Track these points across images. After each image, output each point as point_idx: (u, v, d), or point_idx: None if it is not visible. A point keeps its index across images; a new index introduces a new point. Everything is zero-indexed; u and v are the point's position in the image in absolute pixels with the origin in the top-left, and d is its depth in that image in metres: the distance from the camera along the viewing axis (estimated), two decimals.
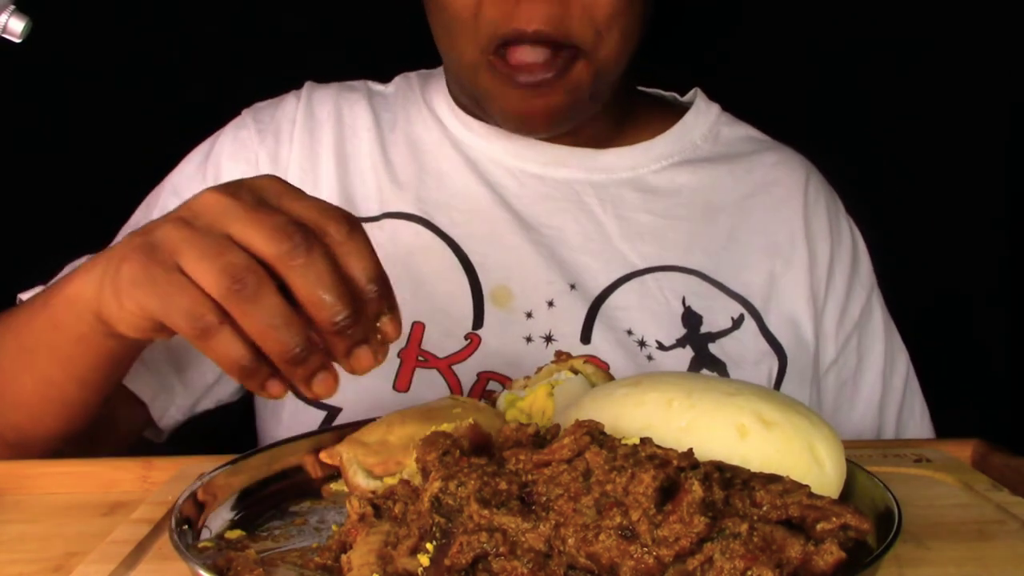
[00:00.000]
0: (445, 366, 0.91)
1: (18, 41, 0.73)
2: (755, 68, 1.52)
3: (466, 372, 0.91)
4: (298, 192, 0.61)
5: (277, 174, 0.94)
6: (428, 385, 0.90)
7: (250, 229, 0.57)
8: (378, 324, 0.60)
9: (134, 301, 0.60)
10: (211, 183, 0.96)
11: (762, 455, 0.55)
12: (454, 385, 0.90)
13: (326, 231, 0.58)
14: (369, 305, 0.58)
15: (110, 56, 1.42)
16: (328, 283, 0.56)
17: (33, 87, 1.37)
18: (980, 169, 1.63)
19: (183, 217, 0.59)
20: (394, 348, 0.88)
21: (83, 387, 0.76)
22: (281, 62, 1.42)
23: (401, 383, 0.90)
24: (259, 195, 0.60)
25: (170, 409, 0.95)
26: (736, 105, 1.11)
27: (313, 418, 0.91)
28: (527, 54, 0.86)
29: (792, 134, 1.12)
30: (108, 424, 0.88)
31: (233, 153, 1.00)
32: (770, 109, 1.16)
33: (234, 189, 0.60)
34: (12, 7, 0.72)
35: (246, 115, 1.03)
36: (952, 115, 1.57)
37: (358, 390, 0.88)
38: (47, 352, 0.74)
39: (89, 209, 0.95)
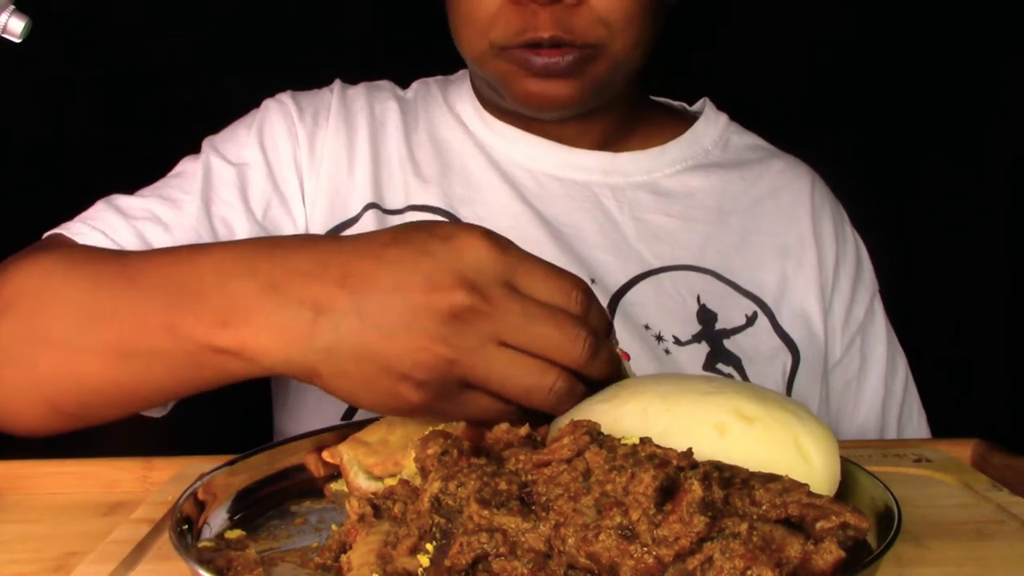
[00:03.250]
0: None
1: (18, 41, 0.73)
2: (745, 65, 1.52)
3: None
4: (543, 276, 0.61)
5: (312, 156, 1.00)
6: None
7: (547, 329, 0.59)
8: None
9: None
10: (262, 149, 0.98)
11: (744, 451, 0.55)
12: None
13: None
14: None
15: (108, 56, 1.42)
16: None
17: (32, 87, 1.38)
18: (980, 167, 1.63)
19: (474, 284, 0.58)
20: None
21: (179, 384, 0.69)
22: (280, 64, 1.42)
23: None
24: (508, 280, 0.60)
25: None
26: (730, 102, 1.11)
27: (337, 407, 0.91)
28: (542, 51, 0.89)
29: (785, 131, 1.12)
30: None
31: (281, 125, 1.00)
32: (768, 108, 1.16)
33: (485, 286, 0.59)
34: (12, 7, 0.72)
35: (283, 96, 1.04)
36: (953, 112, 1.57)
37: None
38: (155, 366, 0.67)
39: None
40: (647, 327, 0.95)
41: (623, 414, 0.59)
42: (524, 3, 0.87)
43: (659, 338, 0.95)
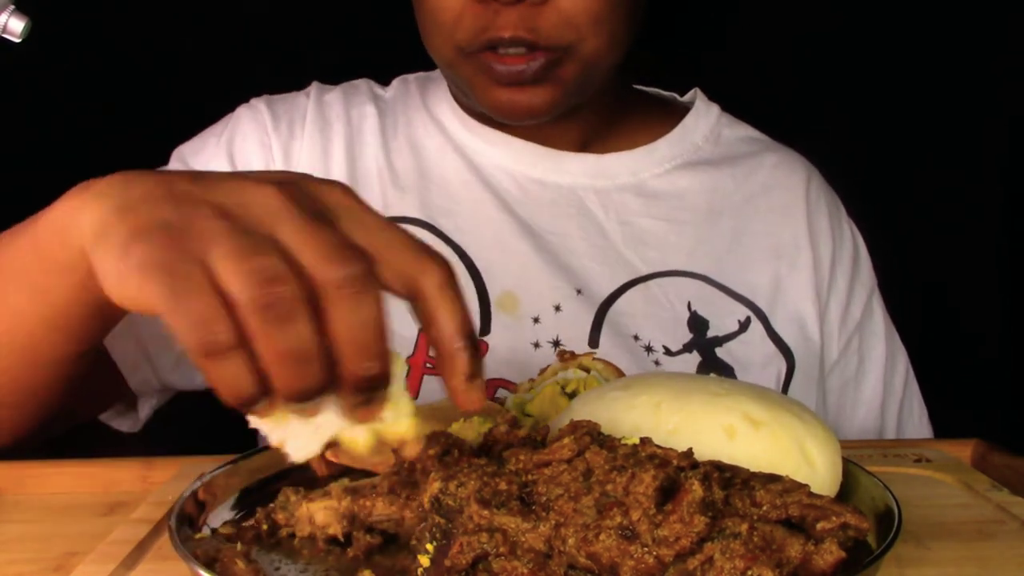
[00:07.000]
0: None
1: (18, 41, 0.73)
2: (735, 61, 1.51)
3: None
4: (376, 217, 0.52)
5: (288, 167, 0.97)
6: (439, 392, 0.89)
7: (303, 238, 0.48)
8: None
9: (136, 288, 0.47)
10: (232, 160, 0.96)
11: (750, 455, 0.55)
12: None
13: (416, 279, 0.50)
14: (457, 359, 0.50)
15: (105, 57, 1.42)
16: (376, 330, 0.47)
17: (30, 87, 1.38)
18: (972, 166, 1.63)
19: (227, 206, 0.49)
20: (403, 353, 0.88)
21: (54, 330, 0.64)
22: (276, 64, 1.42)
23: (410, 390, 0.89)
24: (329, 207, 0.51)
25: (152, 381, 0.90)
26: (720, 99, 1.10)
27: None
28: (506, 58, 0.86)
29: (776, 129, 1.12)
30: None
31: (253, 135, 0.99)
32: (759, 106, 1.15)
33: (297, 190, 0.50)
34: (12, 7, 0.72)
35: (258, 103, 1.02)
36: (946, 111, 1.58)
37: None
38: (20, 278, 0.62)
39: None
40: (636, 337, 0.93)
41: (635, 405, 0.59)
42: (487, 2, 0.84)
43: (649, 349, 0.93)
